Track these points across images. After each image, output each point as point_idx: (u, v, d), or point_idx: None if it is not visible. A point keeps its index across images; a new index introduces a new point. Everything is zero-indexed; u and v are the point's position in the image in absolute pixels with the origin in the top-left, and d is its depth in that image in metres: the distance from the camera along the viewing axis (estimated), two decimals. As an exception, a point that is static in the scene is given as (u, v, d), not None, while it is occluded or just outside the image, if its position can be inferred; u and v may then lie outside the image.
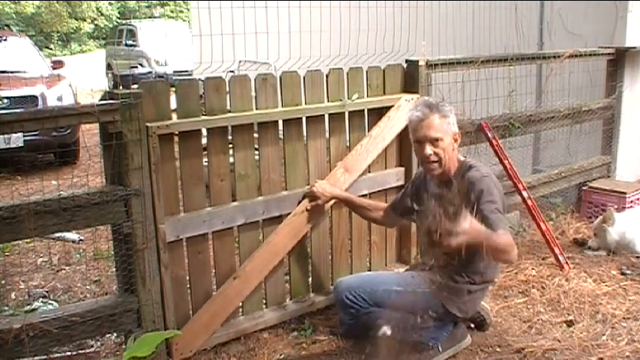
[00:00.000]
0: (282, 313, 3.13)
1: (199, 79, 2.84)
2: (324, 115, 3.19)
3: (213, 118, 2.79)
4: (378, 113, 3.40)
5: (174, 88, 2.75)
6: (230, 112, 2.87)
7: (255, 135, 3.00)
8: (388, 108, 3.40)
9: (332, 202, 3.19)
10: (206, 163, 2.86)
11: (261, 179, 3.03)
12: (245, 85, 2.89)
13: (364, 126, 3.41)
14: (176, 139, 2.74)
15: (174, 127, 2.65)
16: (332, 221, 3.33)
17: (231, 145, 2.94)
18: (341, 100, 3.21)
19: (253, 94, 2.94)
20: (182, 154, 2.76)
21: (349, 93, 3.26)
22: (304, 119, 3.13)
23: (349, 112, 3.29)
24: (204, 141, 2.86)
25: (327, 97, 3.19)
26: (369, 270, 3.55)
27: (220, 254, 2.94)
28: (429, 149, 2.69)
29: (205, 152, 2.87)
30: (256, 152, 3.02)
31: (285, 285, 3.23)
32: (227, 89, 2.84)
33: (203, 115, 2.80)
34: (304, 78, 3.08)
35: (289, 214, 3.08)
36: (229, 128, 2.90)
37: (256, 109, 2.94)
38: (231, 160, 2.94)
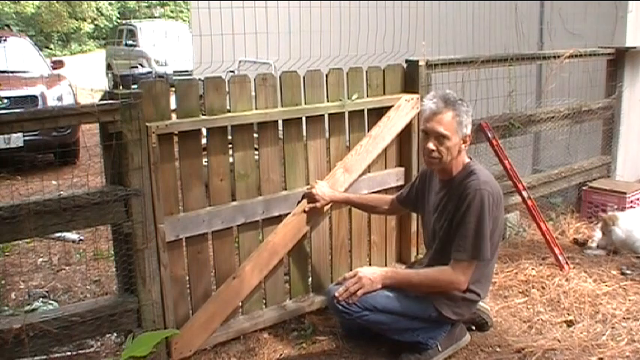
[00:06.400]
0: (281, 313, 3.13)
1: (199, 79, 2.84)
2: (323, 115, 3.19)
3: (213, 118, 2.79)
4: (378, 113, 3.40)
5: (174, 88, 2.75)
6: (229, 111, 2.87)
7: (255, 135, 3.00)
8: (388, 108, 3.39)
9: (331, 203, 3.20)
10: (206, 163, 2.87)
11: (260, 179, 3.03)
12: (245, 85, 2.89)
13: (364, 126, 3.40)
14: (176, 139, 2.74)
15: (174, 126, 2.65)
16: (332, 221, 3.33)
17: (230, 145, 2.94)
18: (341, 100, 3.21)
19: (253, 94, 2.94)
20: (182, 153, 2.76)
21: (349, 93, 3.26)
22: (304, 119, 3.13)
23: (349, 112, 3.29)
24: (205, 141, 2.86)
25: (327, 97, 3.19)
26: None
27: (220, 254, 2.94)
28: (432, 144, 2.64)
29: (205, 152, 2.87)
30: (256, 152, 3.02)
31: (284, 285, 3.23)
32: (227, 89, 2.84)
33: (203, 115, 2.80)
34: (304, 78, 3.08)
35: (289, 214, 3.08)
36: (229, 128, 2.90)
37: (256, 109, 2.94)
38: (231, 160, 2.94)
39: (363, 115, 3.39)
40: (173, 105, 2.70)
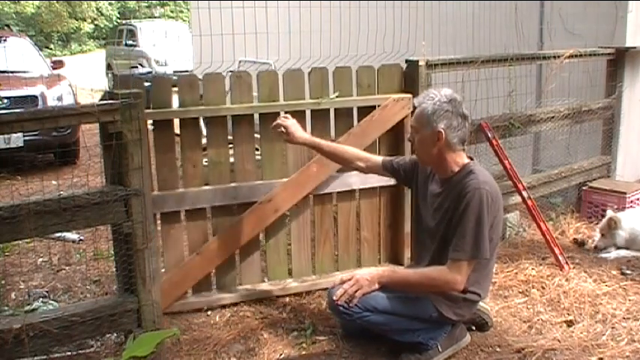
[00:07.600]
0: (252, 292, 3.31)
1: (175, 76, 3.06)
2: (304, 112, 3.25)
3: (182, 110, 2.98)
4: (368, 112, 3.41)
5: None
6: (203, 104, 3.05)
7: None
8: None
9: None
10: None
11: (235, 169, 3.17)
12: (219, 82, 3.05)
13: (352, 125, 3.42)
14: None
15: (148, 116, 2.82)
16: (314, 213, 3.42)
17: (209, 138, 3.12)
18: (319, 98, 3.25)
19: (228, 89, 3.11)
20: (156, 141, 2.99)
21: (335, 92, 3.30)
22: (281, 115, 3.17)
23: (336, 111, 3.35)
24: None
25: (311, 95, 3.26)
26: (359, 267, 3.55)
27: (193, 233, 3.16)
28: (409, 135, 2.87)
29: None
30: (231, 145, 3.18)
31: (260, 267, 3.38)
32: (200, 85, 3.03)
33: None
34: (283, 76, 3.17)
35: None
36: (201, 120, 3.09)
37: (231, 103, 3.10)
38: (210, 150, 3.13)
39: (351, 114, 3.42)
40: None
